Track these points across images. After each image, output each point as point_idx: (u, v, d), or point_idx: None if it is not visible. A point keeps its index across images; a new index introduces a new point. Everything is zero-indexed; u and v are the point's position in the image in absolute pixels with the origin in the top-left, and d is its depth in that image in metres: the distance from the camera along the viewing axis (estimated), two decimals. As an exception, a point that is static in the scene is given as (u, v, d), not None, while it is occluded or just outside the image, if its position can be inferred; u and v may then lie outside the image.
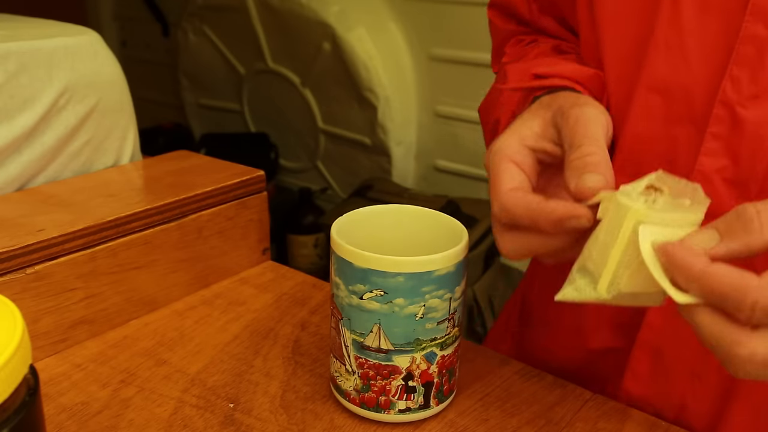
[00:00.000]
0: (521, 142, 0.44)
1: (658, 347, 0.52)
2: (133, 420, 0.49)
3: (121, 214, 0.59)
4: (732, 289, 0.32)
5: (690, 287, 0.33)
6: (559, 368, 0.59)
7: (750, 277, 0.32)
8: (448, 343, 0.47)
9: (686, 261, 0.33)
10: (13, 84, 0.65)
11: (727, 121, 0.46)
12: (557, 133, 0.44)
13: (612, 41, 0.52)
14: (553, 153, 0.44)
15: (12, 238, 0.53)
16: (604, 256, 0.37)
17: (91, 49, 0.72)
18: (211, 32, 2.19)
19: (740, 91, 0.45)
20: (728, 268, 0.33)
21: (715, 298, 0.33)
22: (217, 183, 0.67)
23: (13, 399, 0.28)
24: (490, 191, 0.43)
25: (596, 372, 0.57)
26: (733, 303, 0.32)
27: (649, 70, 0.49)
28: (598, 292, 0.38)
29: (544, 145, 0.44)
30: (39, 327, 0.55)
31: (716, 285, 0.32)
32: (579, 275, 0.39)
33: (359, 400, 0.48)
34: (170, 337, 0.59)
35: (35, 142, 0.67)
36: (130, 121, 0.76)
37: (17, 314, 0.30)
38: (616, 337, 0.55)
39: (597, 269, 0.38)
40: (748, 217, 0.33)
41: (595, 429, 0.49)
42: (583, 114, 0.42)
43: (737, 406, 0.50)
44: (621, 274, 0.37)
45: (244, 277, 0.70)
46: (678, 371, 0.52)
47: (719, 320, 0.33)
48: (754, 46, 0.44)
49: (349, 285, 0.45)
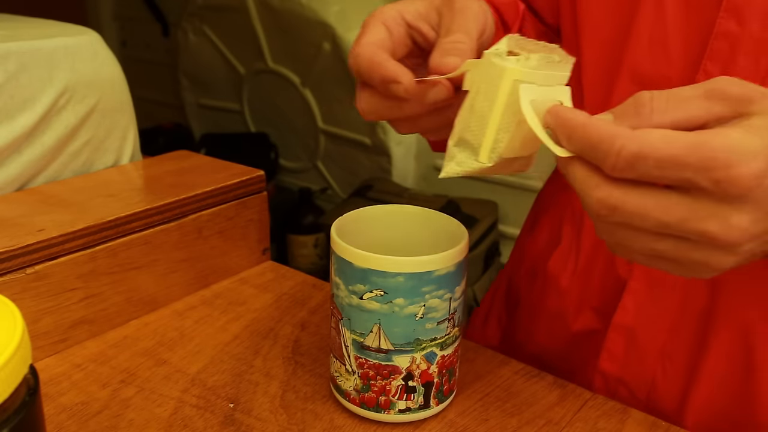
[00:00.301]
0: (400, 13, 0.45)
1: (632, 329, 0.54)
2: (133, 420, 0.49)
3: (121, 214, 0.59)
4: (605, 138, 0.32)
5: (570, 142, 0.34)
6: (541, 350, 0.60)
7: (623, 128, 0.33)
8: (448, 343, 0.47)
9: (569, 115, 0.34)
10: (13, 84, 0.65)
11: None
12: (438, 19, 0.45)
13: (592, 33, 0.53)
14: (427, 36, 0.45)
15: (12, 238, 0.53)
16: (483, 124, 0.38)
17: (91, 49, 0.72)
18: (211, 32, 2.19)
19: None
20: (606, 122, 0.34)
21: (588, 149, 0.33)
22: (217, 183, 0.67)
23: (13, 399, 0.28)
24: (353, 44, 0.44)
25: (575, 354, 0.59)
26: (603, 151, 0.32)
27: (630, 62, 0.50)
28: (480, 161, 0.39)
29: (422, 25, 0.45)
30: (39, 327, 0.55)
31: (592, 134, 0.33)
32: (458, 149, 0.40)
33: (359, 400, 0.48)
34: (170, 337, 0.59)
35: (35, 142, 0.67)
36: (130, 121, 0.76)
37: (17, 314, 0.30)
38: (595, 319, 0.58)
39: (476, 139, 0.39)
40: (641, 102, 0.34)
41: (595, 429, 0.49)
42: (466, 7, 0.44)
43: (701, 384, 0.52)
44: (501, 138, 0.38)
45: (244, 277, 0.70)
46: (649, 352, 0.54)
47: (589, 168, 0.34)
48: (727, 42, 0.46)
49: (349, 285, 0.45)
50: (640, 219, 0.33)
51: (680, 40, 0.48)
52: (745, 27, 0.45)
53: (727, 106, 0.33)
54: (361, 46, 0.43)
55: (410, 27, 0.46)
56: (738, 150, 0.31)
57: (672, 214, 0.32)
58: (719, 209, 0.32)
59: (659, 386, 0.54)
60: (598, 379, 0.57)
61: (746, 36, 0.45)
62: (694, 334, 0.52)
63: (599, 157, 0.33)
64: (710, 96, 0.34)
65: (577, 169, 0.35)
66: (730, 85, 0.34)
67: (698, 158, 0.31)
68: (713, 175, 0.31)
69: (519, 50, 0.38)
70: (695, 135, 0.32)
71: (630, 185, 0.33)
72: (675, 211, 0.32)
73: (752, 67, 0.45)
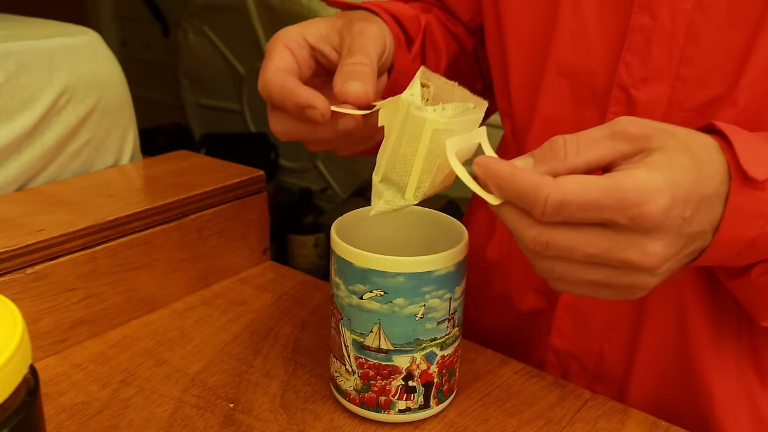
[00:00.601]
0: (302, 35, 0.48)
1: (577, 306, 0.58)
2: (133, 420, 0.49)
3: (121, 214, 0.59)
4: (530, 188, 0.36)
5: (500, 191, 0.38)
6: (490, 332, 0.64)
7: (546, 178, 0.37)
8: (448, 343, 0.47)
9: (496, 167, 0.38)
10: (13, 84, 0.65)
11: (624, 102, 0.51)
12: (340, 40, 0.48)
13: (516, 31, 0.57)
14: (330, 57, 0.49)
15: (12, 238, 0.53)
16: (408, 167, 0.42)
17: (91, 49, 0.72)
18: (211, 32, 2.19)
19: (633, 74, 0.50)
20: (530, 171, 0.37)
21: (517, 197, 0.37)
22: (217, 183, 0.67)
23: (13, 399, 0.28)
24: (260, 68, 0.47)
25: (525, 332, 0.63)
26: (531, 200, 0.36)
27: (555, 57, 0.54)
28: (406, 199, 0.43)
29: (324, 47, 0.49)
30: (39, 327, 0.55)
31: (518, 184, 0.37)
32: (384, 187, 0.44)
33: (359, 400, 0.48)
34: (170, 337, 0.59)
35: (35, 142, 0.67)
36: (130, 121, 0.77)
37: (17, 314, 0.30)
38: (540, 299, 0.61)
39: (402, 180, 0.43)
40: (556, 146, 0.38)
41: (595, 429, 0.49)
42: (366, 29, 0.47)
43: (642, 351, 0.56)
44: (425, 179, 0.42)
45: (244, 277, 0.70)
46: (595, 326, 0.58)
47: (519, 212, 0.38)
48: (643, 35, 0.50)
49: (349, 285, 0.45)
50: (569, 252, 0.37)
51: (599, 34, 0.52)
52: (658, 21, 0.49)
53: (630, 145, 0.38)
54: (269, 72, 0.46)
55: (313, 49, 0.49)
56: (646, 189, 0.35)
57: (597, 246, 0.37)
58: (637, 240, 0.36)
59: (606, 357, 0.58)
60: (550, 355, 0.60)
61: (659, 29, 0.49)
62: (632, 307, 0.56)
63: (528, 204, 0.37)
64: (615, 137, 0.38)
65: (509, 213, 0.38)
66: (630, 125, 0.38)
67: (614, 200, 0.35)
68: (628, 213, 0.36)
69: (427, 81, 0.43)
70: (608, 179, 0.36)
71: (558, 224, 0.37)
72: (599, 243, 0.37)
73: (666, 56, 0.49)
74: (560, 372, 0.60)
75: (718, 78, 0.48)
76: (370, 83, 0.44)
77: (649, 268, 0.37)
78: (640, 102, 0.51)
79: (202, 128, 2.38)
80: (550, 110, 0.56)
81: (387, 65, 0.50)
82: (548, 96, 0.55)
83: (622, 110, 0.51)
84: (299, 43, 0.48)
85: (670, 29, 0.49)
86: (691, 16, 0.48)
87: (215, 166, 0.72)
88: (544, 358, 0.60)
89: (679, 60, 0.49)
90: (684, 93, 0.49)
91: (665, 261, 0.38)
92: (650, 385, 0.57)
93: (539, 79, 0.56)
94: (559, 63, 0.54)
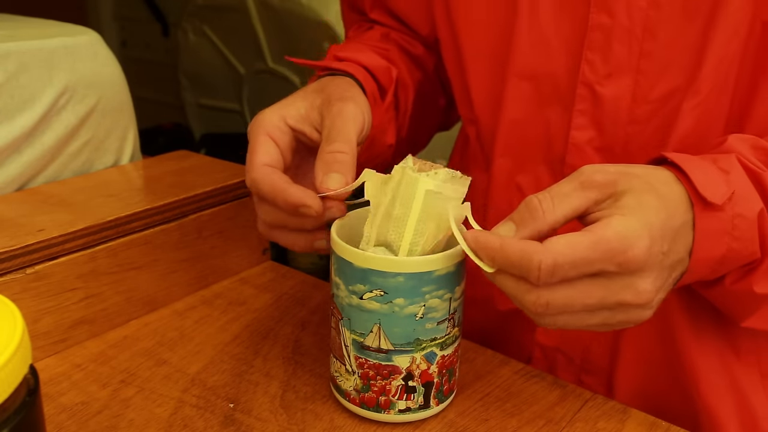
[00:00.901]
0: (283, 119, 0.49)
1: None
2: (133, 420, 0.49)
3: (121, 214, 0.59)
4: (521, 257, 0.39)
5: (494, 262, 0.41)
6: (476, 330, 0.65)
7: (534, 244, 0.39)
8: (448, 343, 0.47)
9: (486, 240, 0.41)
10: (13, 84, 0.65)
11: (589, 99, 0.53)
12: (320, 119, 0.50)
13: (474, 42, 0.59)
14: (311, 137, 0.50)
15: (12, 238, 0.54)
16: (401, 228, 0.44)
17: (91, 49, 0.72)
18: (211, 32, 2.19)
19: (596, 71, 0.53)
20: (518, 241, 0.40)
21: (511, 267, 0.40)
22: (217, 183, 0.67)
23: (13, 399, 0.28)
24: (246, 163, 0.48)
25: (509, 331, 0.65)
26: (525, 268, 0.39)
27: (516, 62, 0.56)
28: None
29: (305, 128, 0.50)
30: (39, 327, 0.55)
31: (510, 255, 0.39)
32: (379, 250, 0.45)
33: (359, 400, 0.48)
34: (170, 337, 0.59)
35: (35, 142, 0.67)
36: (130, 121, 0.77)
37: (17, 314, 0.30)
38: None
39: (396, 241, 0.45)
40: (533, 207, 0.41)
41: (595, 429, 0.49)
42: (344, 109, 0.49)
43: (627, 341, 0.58)
44: (417, 241, 0.44)
45: (244, 277, 0.70)
46: None
47: (516, 279, 0.40)
48: (602, 33, 0.52)
49: (349, 285, 0.45)
50: (569, 307, 0.40)
51: (558, 36, 0.54)
52: (615, 18, 0.51)
53: (599, 192, 0.41)
54: (256, 170, 0.47)
55: (294, 130, 0.50)
56: (626, 236, 0.39)
57: (593, 296, 0.40)
58: (628, 282, 0.40)
59: (593, 349, 0.60)
60: (536, 351, 0.61)
61: (617, 26, 0.51)
62: None
63: (523, 272, 0.39)
64: (584, 187, 0.41)
65: (507, 281, 0.41)
66: (595, 174, 0.41)
67: (601, 252, 0.39)
68: (615, 261, 0.39)
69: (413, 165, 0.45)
70: (591, 234, 0.39)
71: (554, 284, 0.40)
72: (595, 293, 0.40)
73: (626, 52, 0.51)
74: (547, 366, 0.61)
75: (678, 69, 0.51)
76: (350, 172, 0.47)
77: (642, 304, 0.41)
78: (606, 97, 0.53)
79: (202, 128, 2.38)
80: (515, 113, 0.57)
81: (365, 137, 0.52)
82: (512, 99, 0.57)
83: (587, 107, 0.53)
84: (281, 130, 0.49)
85: (628, 26, 0.51)
86: (646, 12, 0.50)
87: (215, 166, 0.72)
88: (531, 354, 0.62)
89: (639, 54, 0.51)
90: (647, 86, 0.52)
91: (655, 294, 0.41)
92: (637, 373, 0.59)
93: (502, 85, 0.57)
94: (521, 68, 0.56)
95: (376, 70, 0.59)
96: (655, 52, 0.51)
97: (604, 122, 0.53)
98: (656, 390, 0.59)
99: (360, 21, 0.73)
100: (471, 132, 0.64)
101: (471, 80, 0.60)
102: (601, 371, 0.60)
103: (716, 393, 0.56)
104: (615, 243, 0.39)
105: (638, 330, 0.57)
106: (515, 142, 0.58)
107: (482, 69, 0.59)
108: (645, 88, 0.52)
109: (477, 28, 0.58)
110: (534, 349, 0.61)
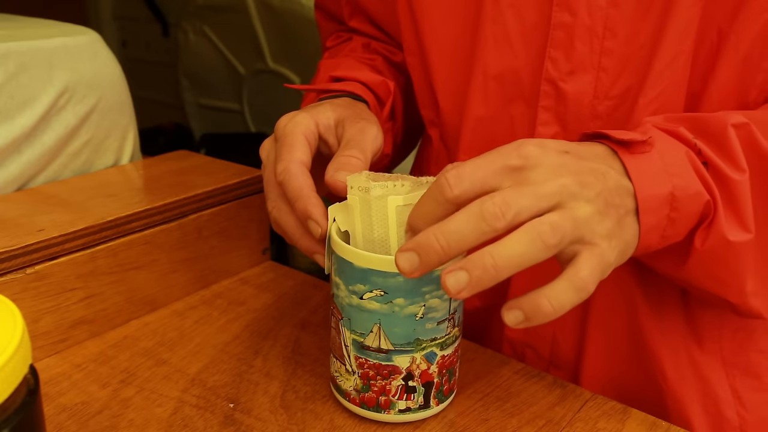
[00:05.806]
0: (316, 125, 0.51)
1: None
2: (133, 420, 0.49)
3: (121, 214, 0.59)
4: (432, 187, 0.41)
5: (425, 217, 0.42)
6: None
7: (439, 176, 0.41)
8: (449, 343, 0.47)
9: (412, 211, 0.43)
10: (13, 84, 0.65)
11: (553, 95, 0.55)
12: (342, 132, 0.52)
13: (437, 43, 0.60)
14: (332, 148, 0.52)
15: (12, 238, 0.54)
16: (386, 247, 0.45)
17: (91, 49, 0.72)
18: (211, 32, 2.19)
19: (559, 68, 0.54)
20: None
21: (427, 201, 0.41)
22: (217, 183, 0.67)
23: (13, 399, 0.28)
24: (282, 152, 0.49)
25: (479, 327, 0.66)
26: (435, 189, 0.41)
27: (481, 61, 0.57)
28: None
29: (330, 137, 0.52)
30: (39, 327, 0.55)
31: (423, 197, 0.41)
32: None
33: (359, 400, 0.48)
34: (170, 337, 0.59)
35: (35, 142, 0.67)
36: (130, 121, 0.77)
37: (17, 314, 0.30)
38: (488, 296, 0.64)
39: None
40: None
41: (595, 429, 0.49)
42: (366, 128, 0.51)
43: (592, 331, 0.59)
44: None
45: (244, 277, 0.70)
46: None
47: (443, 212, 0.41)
48: (564, 31, 0.53)
49: (349, 285, 0.45)
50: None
51: (521, 35, 0.55)
52: (577, 17, 0.52)
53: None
54: (293, 163, 0.48)
55: (321, 138, 0.52)
56: (520, 142, 0.42)
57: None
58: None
59: (560, 342, 0.61)
60: (506, 347, 0.63)
61: (579, 25, 0.52)
62: None
63: (436, 195, 0.41)
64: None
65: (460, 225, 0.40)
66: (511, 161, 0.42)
67: (497, 151, 0.41)
68: (515, 153, 0.41)
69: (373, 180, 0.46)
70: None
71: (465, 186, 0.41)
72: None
73: (588, 50, 0.53)
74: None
75: (635, 66, 0.52)
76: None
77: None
78: (569, 93, 0.54)
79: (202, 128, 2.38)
80: (480, 110, 0.58)
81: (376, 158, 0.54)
82: (477, 97, 0.58)
83: (551, 103, 0.55)
84: (314, 135, 0.51)
85: (589, 24, 0.52)
86: (606, 11, 0.52)
87: (215, 166, 0.73)
88: (500, 349, 0.63)
89: (600, 52, 0.53)
90: (608, 82, 0.53)
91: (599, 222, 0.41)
92: (604, 363, 0.60)
93: (467, 83, 0.58)
94: (486, 67, 0.57)
95: (374, 85, 0.62)
96: (615, 50, 0.52)
97: (567, 118, 0.55)
98: (624, 379, 0.60)
99: (338, 31, 0.75)
100: (434, 134, 0.65)
101: (435, 79, 0.61)
102: (569, 363, 0.62)
103: (681, 381, 0.58)
104: (508, 145, 0.41)
105: (603, 318, 0.59)
106: (480, 140, 0.59)
107: (447, 68, 0.60)
108: (606, 84, 0.53)
109: (441, 26, 0.59)
110: (503, 344, 0.63)
